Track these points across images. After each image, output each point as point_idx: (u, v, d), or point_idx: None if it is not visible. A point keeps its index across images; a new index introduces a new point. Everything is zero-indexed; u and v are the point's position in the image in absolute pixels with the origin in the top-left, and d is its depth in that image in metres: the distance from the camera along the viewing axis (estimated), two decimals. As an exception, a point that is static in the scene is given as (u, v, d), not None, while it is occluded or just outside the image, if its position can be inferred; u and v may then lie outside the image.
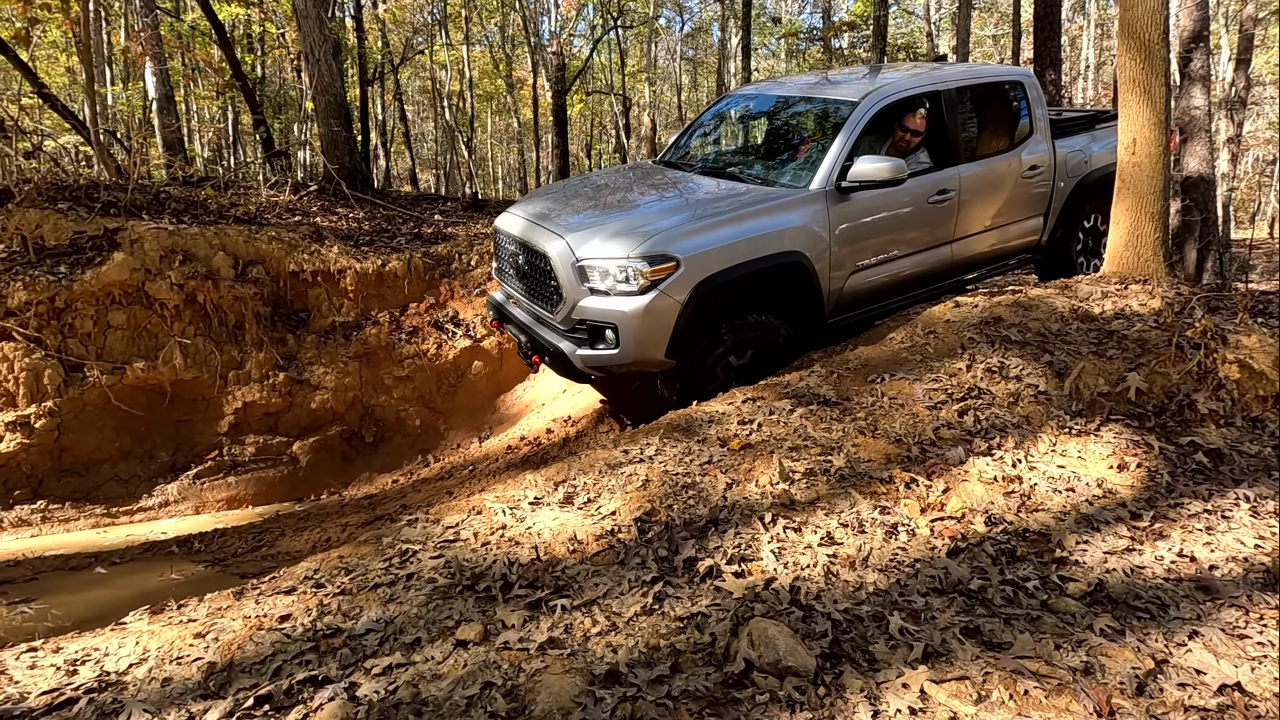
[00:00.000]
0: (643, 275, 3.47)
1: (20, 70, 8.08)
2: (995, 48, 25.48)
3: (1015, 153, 4.61)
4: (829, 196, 3.90)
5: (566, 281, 3.63)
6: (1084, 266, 5.28)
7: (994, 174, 4.52)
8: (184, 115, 15.86)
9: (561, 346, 3.71)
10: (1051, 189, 4.84)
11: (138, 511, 5.00)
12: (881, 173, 3.81)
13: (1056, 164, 4.81)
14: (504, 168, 29.35)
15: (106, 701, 1.75)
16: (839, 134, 4.02)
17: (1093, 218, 5.24)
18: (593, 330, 3.62)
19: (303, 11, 8.54)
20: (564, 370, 3.85)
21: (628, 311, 3.49)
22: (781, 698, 1.69)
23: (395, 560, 2.38)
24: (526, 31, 17.60)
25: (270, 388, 5.45)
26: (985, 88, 4.63)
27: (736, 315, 3.76)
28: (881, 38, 11.74)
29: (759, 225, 3.72)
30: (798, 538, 2.39)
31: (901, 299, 4.39)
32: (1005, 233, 4.71)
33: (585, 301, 3.60)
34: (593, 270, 3.57)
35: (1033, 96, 4.71)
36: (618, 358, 3.59)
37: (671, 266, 3.51)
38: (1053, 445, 2.96)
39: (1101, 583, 2.14)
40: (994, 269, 4.86)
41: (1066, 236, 5.08)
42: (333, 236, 6.42)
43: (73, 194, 6.13)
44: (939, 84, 4.37)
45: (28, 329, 4.98)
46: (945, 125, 4.34)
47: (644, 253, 3.49)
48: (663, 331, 3.54)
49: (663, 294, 3.50)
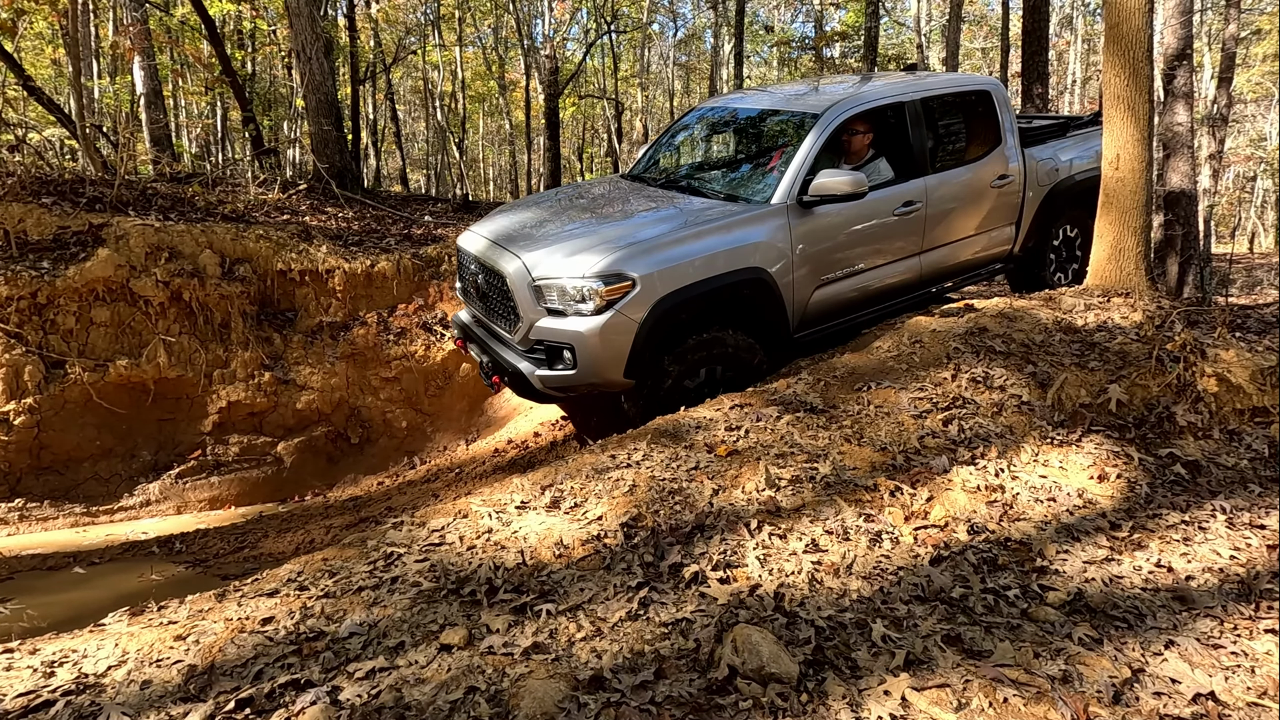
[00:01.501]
0: (598, 295, 3.44)
1: (5, 62, 7.97)
2: (984, 60, 25.79)
3: (984, 162, 4.57)
4: (791, 211, 3.86)
5: (524, 301, 3.61)
6: (1057, 277, 5.25)
7: (962, 184, 4.49)
8: (172, 111, 15.71)
9: (520, 367, 3.68)
10: (1022, 198, 4.81)
11: (118, 511, 4.94)
12: (843, 186, 3.78)
13: (1027, 173, 4.79)
14: (495, 169, 29.30)
15: (84, 704, 1.73)
16: (800, 147, 3.98)
17: (1066, 228, 5.20)
18: (550, 350, 3.59)
19: (295, 9, 8.50)
20: (523, 391, 3.81)
21: (584, 332, 3.47)
22: (764, 704, 1.70)
23: (380, 563, 2.37)
24: (520, 34, 17.61)
25: (256, 387, 5.41)
26: (952, 98, 4.59)
27: (699, 332, 3.72)
28: (872, 48, 11.85)
29: (719, 241, 3.67)
30: (783, 544, 2.40)
31: (871, 311, 4.36)
32: (975, 243, 4.69)
33: (542, 322, 3.58)
34: (549, 290, 3.54)
35: (1001, 105, 4.66)
36: (575, 378, 3.56)
37: (627, 286, 3.47)
38: (1035, 455, 3.00)
39: (1081, 592, 2.17)
40: (966, 279, 4.82)
41: (1039, 246, 5.04)
42: (321, 236, 6.38)
43: (58, 188, 6.06)
44: (903, 95, 4.33)
45: (8, 324, 4.91)
46: (910, 136, 4.30)
47: (599, 272, 3.45)
48: (620, 351, 3.51)
49: (619, 313, 3.47)
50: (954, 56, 12.06)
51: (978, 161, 4.56)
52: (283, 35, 15.70)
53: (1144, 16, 4.10)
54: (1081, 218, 5.27)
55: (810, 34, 20.94)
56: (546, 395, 3.80)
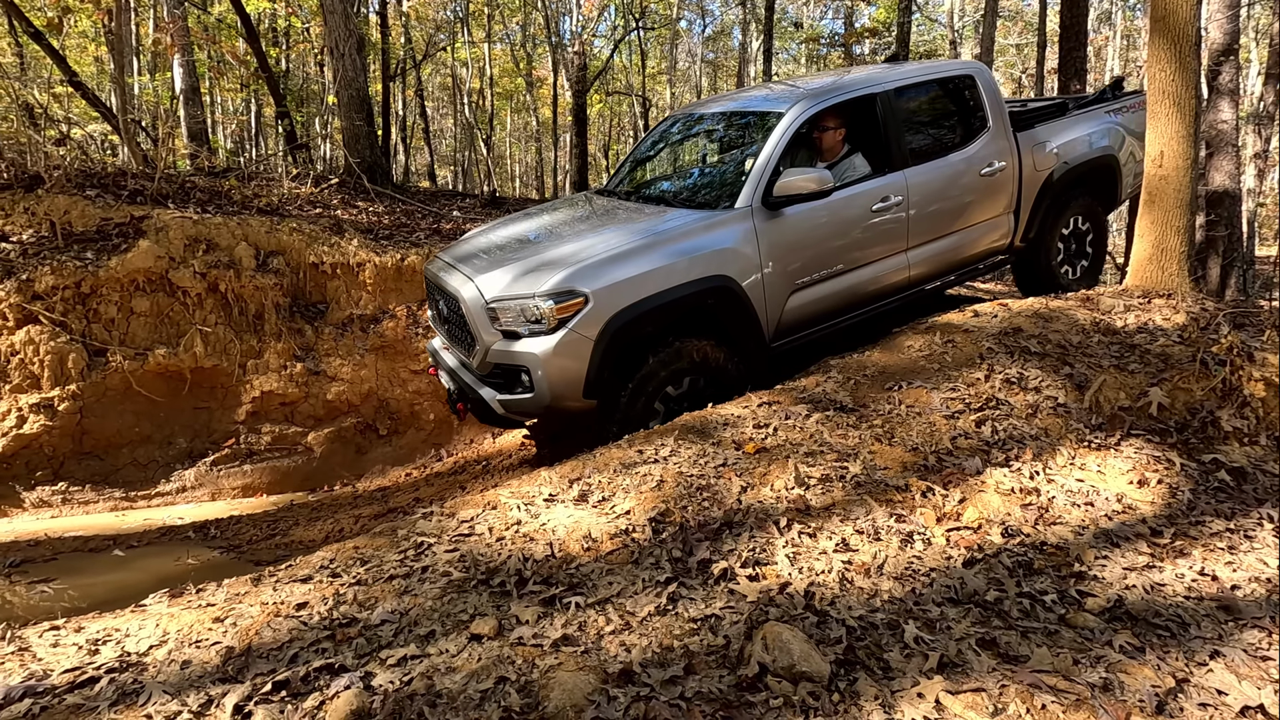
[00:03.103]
0: (550, 314, 3.33)
1: (53, 58, 8.21)
2: (1019, 57, 25.27)
3: (970, 151, 4.33)
4: (756, 214, 3.70)
5: (480, 325, 3.52)
6: (1067, 273, 4.95)
7: (947, 175, 4.25)
8: (208, 107, 16.04)
9: (481, 393, 3.58)
10: (1018, 186, 4.53)
11: (155, 496, 5.06)
12: (808, 185, 3.63)
13: (1021, 159, 4.51)
14: (521, 166, 29.46)
15: (127, 681, 1.77)
16: (764, 148, 3.81)
17: (1076, 219, 4.89)
18: (508, 374, 3.50)
19: (329, 6, 8.62)
20: (487, 417, 3.71)
21: (538, 353, 3.36)
22: (795, 703, 1.69)
23: (410, 553, 2.40)
24: (548, 31, 17.66)
25: (288, 378, 5.51)
26: (930, 85, 4.38)
27: (666, 345, 3.57)
28: (904, 45, 11.67)
29: (677, 251, 3.53)
30: (812, 543, 2.38)
31: (860, 314, 4.17)
32: (969, 236, 4.43)
33: (498, 345, 3.48)
34: (503, 312, 3.44)
35: (985, 90, 4.41)
36: (534, 401, 3.44)
37: (580, 303, 3.34)
38: (1071, 458, 2.93)
39: (1121, 599, 2.12)
40: (963, 274, 4.56)
41: (1044, 238, 4.75)
42: (353, 230, 6.47)
43: (101, 181, 6.23)
44: (875, 86, 4.12)
45: (54, 313, 5.06)
46: (886, 129, 4.10)
47: (550, 290, 3.34)
48: (577, 371, 3.38)
49: (572, 331, 3.34)
50: (988, 53, 11.83)
51: (963, 150, 4.32)
52: (315, 33, 15.94)
53: (1192, 8, 3.98)
54: (1092, 209, 4.97)
55: (840, 30, 20.70)
56: (510, 420, 3.67)
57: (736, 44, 23.01)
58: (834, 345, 4.12)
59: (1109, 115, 4.96)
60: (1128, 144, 4.99)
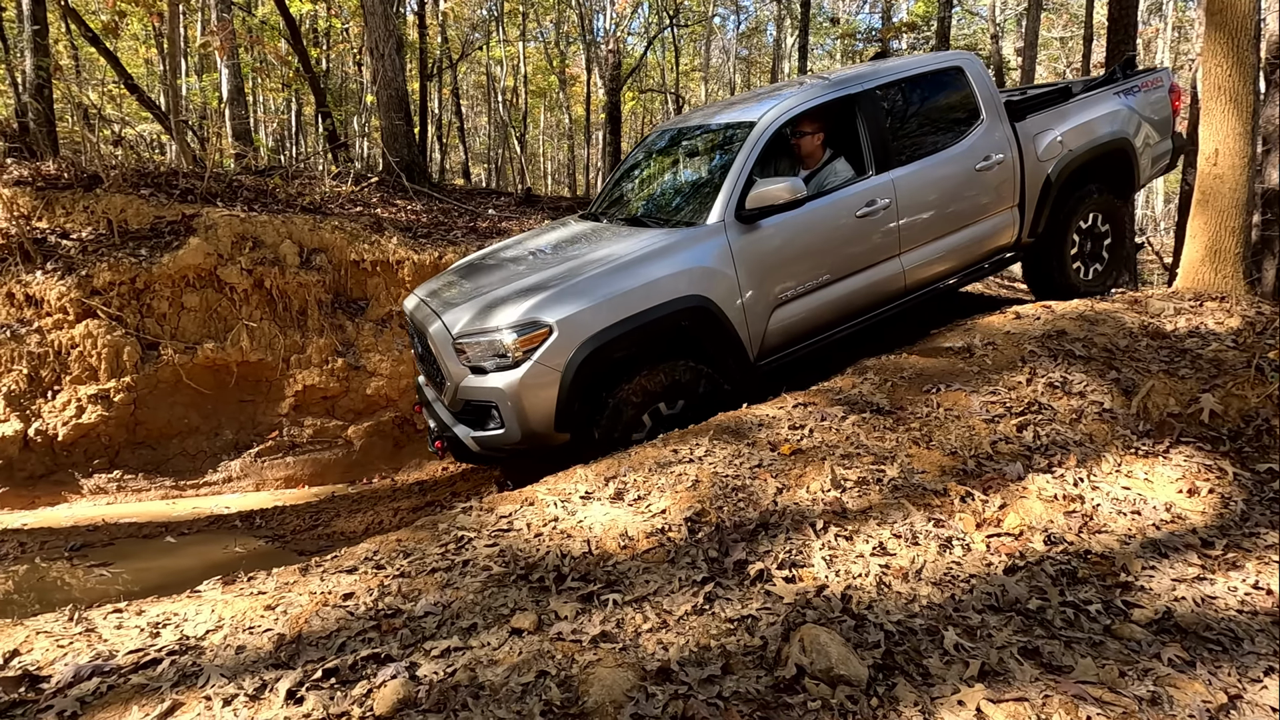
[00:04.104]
0: (514, 347, 3.24)
1: (109, 61, 8.52)
2: (1063, 50, 24.58)
3: (962, 146, 4.13)
4: (730, 228, 3.57)
5: (448, 360, 3.46)
6: (1080, 272, 4.68)
7: (937, 173, 4.06)
8: (251, 107, 16.46)
9: (456, 430, 3.51)
10: (1019, 179, 4.30)
11: (203, 486, 5.25)
12: (781, 194, 3.50)
13: (1021, 149, 4.28)
14: (553, 163, 29.64)
15: (187, 664, 1.85)
16: (735, 159, 3.68)
17: (1094, 215, 4.62)
18: (478, 410, 3.42)
19: (370, 8, 8.79)
20: (463, 455, 3.61)
21: (504, 388, 3.27)
22: (834, 706, 1.69)
23: (451, 546, 2.46)
24: (582, 29, 17.73)
25: (329, 372, 5.65)
26: (914, 81, 4.18)
27: (641, 372, 3.44)
28: (945, 39, 11.44)
29: (645, 273, 3.41)
30: (849, 546, 2.37)
31: (854, 325, 4.00)
32: (968, 235, 4.23)
33: (466, 381, 3.40)
34: (469, 346, 3.36)
35: (976, 80, 4.22)
36: (505, 438, 3.35)
37: (544, 333, 3.25)
38: (1117, 465, 2.87)
39: (1169, 611, 2.07)
40: (967, 276, 4.36)
41: (1053, 235, 4.50)
42: (392, 228, 6.60)
43: (154, 180, 6.45)
44: (852, 87, 3.98)
45: (111, 308, 5.27)
46: (867, 130, 3.95)
47: (513, 323, 3.26)
48: (546, 404, 3.28)
49: (538, 364, 3.25)
50: (1031, 47, 11.54)
51: (955, 146, 4.13)
52: (355, 34, 16.26)
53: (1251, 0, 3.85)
54: (1110, 204, 4.65)
55: (877, 25, 20.38)
56: (485, 457, 3.57)
57: (770, 40, 22.81)
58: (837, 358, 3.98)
59: (1119, 97, 4.64)
60: (1142, 127, 4.67)
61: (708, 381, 3.53)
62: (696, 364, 3.51)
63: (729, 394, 3.56)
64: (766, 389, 3.63)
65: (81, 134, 7.42)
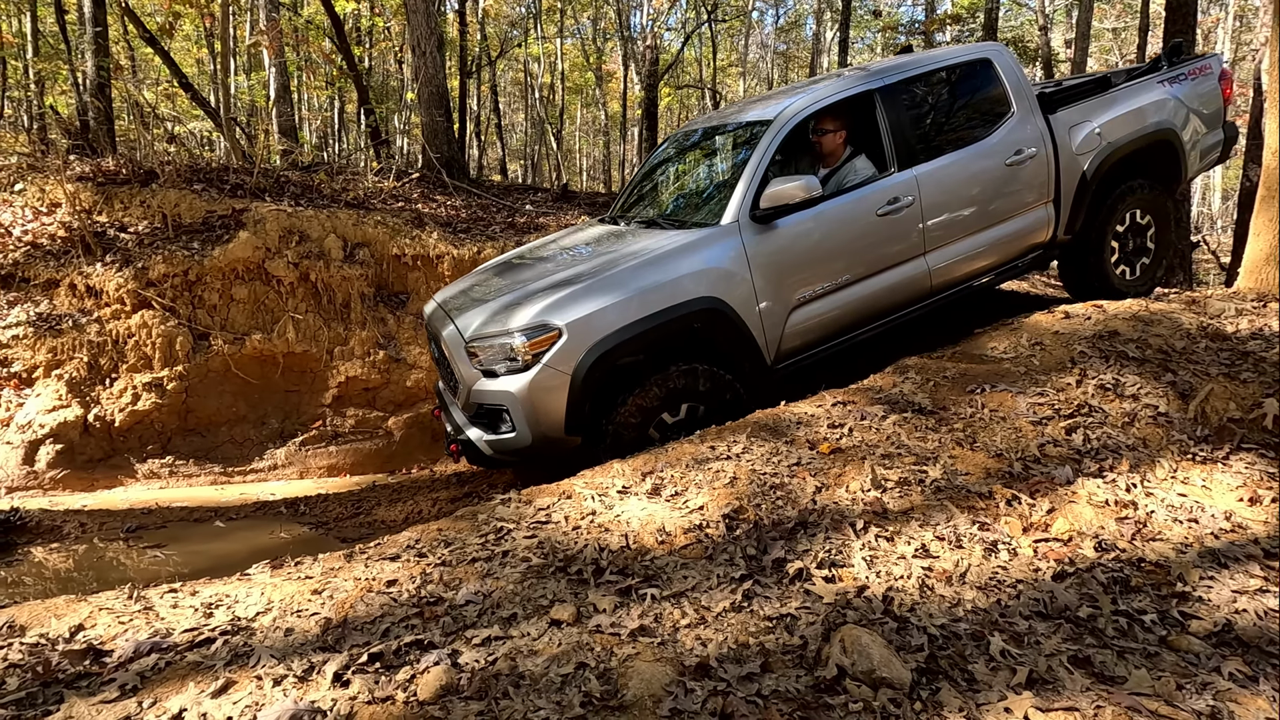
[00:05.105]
0: (523, 350, 3.23)
1: (165, 61, 8.81)
2: (1116, 41, 23.72)
3: (991, 140, 4.00)
4: (744, 229, 3.51)
5: (461, 364, 3.46)
6: (1124, 273, 4.46)
7: (965, 169, 3.94)
8: (295, 104, 16.86)
9: (470, 434, 3.51)
10: (1054, 173, 4.14)
11: (250, 472, 5.41)
12: (796, 193, 3.43)
13: (1056, 142, 4.12)
14: (589, 159, 29.75)
15: (239, 644, 1.91)
16: (751, 159, 3.62)
17: (1135, 213, 4.39)
18: (490, 414, 3.40)
19: (412, 6, 8.92)
20: (477, 459, 3.62)
21: (514, 391, 3.26)
22: (876, 708, 1.67)
23: (491, 537, 2.49)
24: (619, 24, 17.74)
25: (370, 364, 5.77)
26: (940, 74, 4.07)
27: (653, 373, 3.39)
28: (991, 32, 11.14)
29: (657, 275, 3.37)
30: (890, 547, 2.34)
31: (877, 327, 3.89)
32: (999, 232, 4.08)
33: (478, 384, 3.39)
34: (481, 350, 3.36)
35: (1005, 72, 4.07)
36: (517, 441, 3.34)
37: (553, 336, 3.22)
38: (1173, 471, 2.77)
39: (1230, 623, 1.99)
40: (1000, 274, 4.20)
41: (1092, 231, 4.30)
42: (432, 223, 6.71)
43: (206, 176, 6.66)
44: (873, 83, 3.89)
45: (165, 299, 5.47)
46: (890, 126, 3.84)
47: (522, 326, 3.25)
48: (555, 407, 3.25)
49: (547, 367, 3.22)
50: (1084, 38, 11.16)
51: (984, 140, 4.00)
52: (396, 31, 16.53)
53: (1326, -13, 3.66)
54: (1155, 201, 4.40)
55: (920, 17, 19.94)
56: (499, 461, 3.58)
57: (810, 34, 22.51)
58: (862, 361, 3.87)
59: (1164, 86, 4.42)
60: (1190, 118, 4.44)
61: (720, 385, 3.46)
62: (711, 368, 3.44)
63: (745, 398, 3.49)
64: (786, 393, 3.55)
65: (137, 131, 7.69)
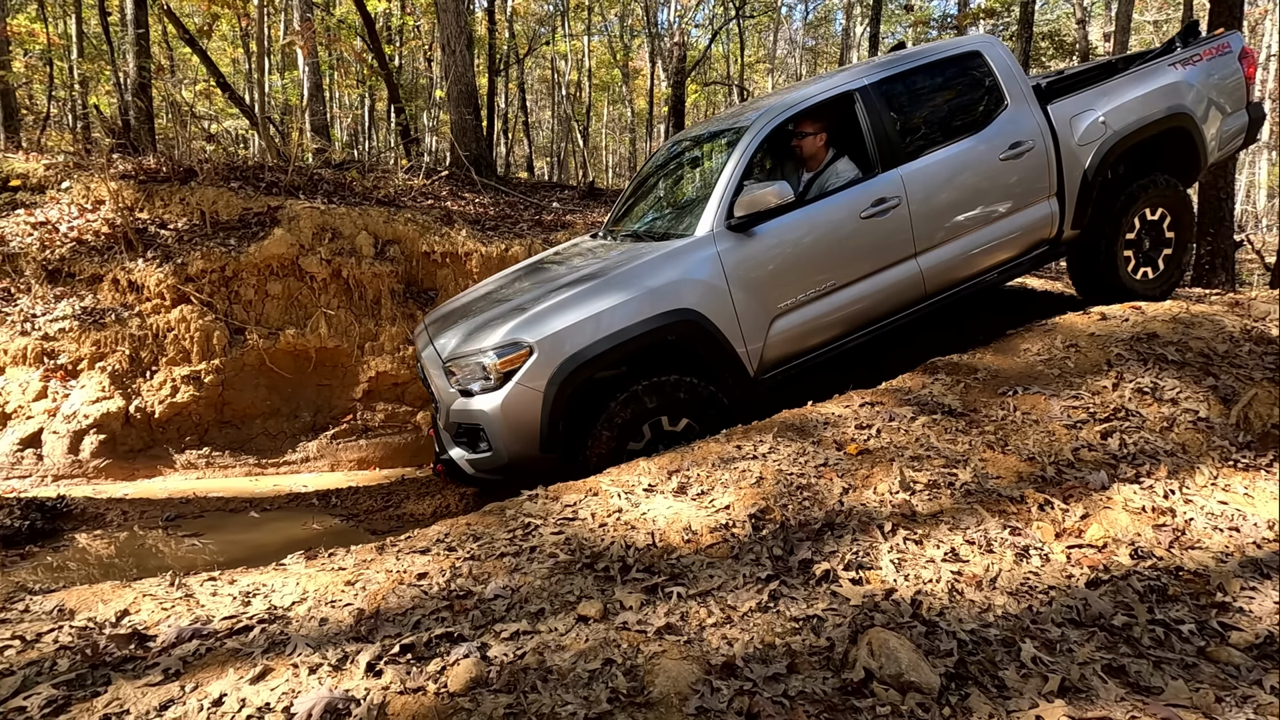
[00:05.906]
0: (494, 368, 3.23)
1: (203, 61, 9.02)
2: (1156, 34, 23.06)
3: (983, 134, 3.86)
4: (720, 238, 3.46)
5: (440, 384, 3.50)
6: (1138, 271, 4.25)
7: (954, 165, 3.80)
8: (327, 103, 17.14)
9: (452, 453, 3.52)
10: (1055, 165, 3.97)
11: (283, 465, 5.53)
12: (768, 199, 3.37)
13: (1056, 134, 3.95)
14: (615, 157, 29.78)
15: (276, 632, 1.97)
16: (726, 166, 3.57)
17: (1149, 210, 4.16)
18: (469, 433, 3.41)
19: (442, 5, 9.01)
20: (461, 478, 3.62)
21: (488, 410, 3.25)
22: (904, 712, 1.66)
23: (519, 532, 2.52)
24: (646, 21, 17.71)
25: (399, 360, 5.86)
26: (927, 70, 3.93)
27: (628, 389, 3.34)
28: (1027, 25, 10.90)
29: (631, 287, 3.34)
30: (919, 550, 2.32)
31: (869, 332, 3.79)
32: (997, 230, 3.93)
33: (456, 404, 3.40)
34: (458, 369, 3.38)
35: (998, 64, 3.94)
36: (495, 460, 3.32)
37: (524, 354, 3.21)
38: (1213, 478, 2.70)
39: (1272, 636, 1.94)
40: (1003, 273, 4.05)
41: (1102, 227, 4.12)
42: (461, 220, 6.78)
43: (242, 174, 6.82)
44: (853, 82, 3.80)
45: (203, 294, 5.61)
46: (872, 126, 3.74)
47: (494, 344, 3.25)
48: (529, 426, 3.24)
49: (519, 385, 3.21)
50: (1123, 31, 10.87)
51: (975, 135, 3.86)
52: (426, 30, 16.71)
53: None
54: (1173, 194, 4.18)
55: (953, 11, 19.59)
56: (480, 480, 3.57)
57: (839, 30, 22.25)
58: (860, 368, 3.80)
59: (1176, 69, 4.18)
60: (1206, 101, 4.20)
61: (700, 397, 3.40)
62: (689, 379, 3.39)
63: (728, 410, 3.44)
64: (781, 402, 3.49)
65: (176, 130, 7.90)
